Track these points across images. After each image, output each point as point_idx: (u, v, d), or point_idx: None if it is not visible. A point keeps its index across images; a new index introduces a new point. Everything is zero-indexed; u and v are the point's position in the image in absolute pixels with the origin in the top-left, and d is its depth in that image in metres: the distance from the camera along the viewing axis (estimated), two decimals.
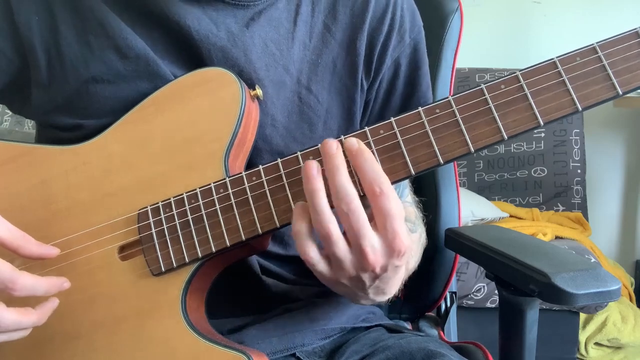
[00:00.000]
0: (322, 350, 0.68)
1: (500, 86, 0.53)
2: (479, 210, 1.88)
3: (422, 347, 0.63)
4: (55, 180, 0.63)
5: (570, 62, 0.52)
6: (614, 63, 0.51)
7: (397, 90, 0.75)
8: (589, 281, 0.58)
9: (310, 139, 0.70)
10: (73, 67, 0.65)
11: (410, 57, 0.75)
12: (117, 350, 0.59)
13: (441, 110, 0.53)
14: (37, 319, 0.53)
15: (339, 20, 0.71)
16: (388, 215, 0.49)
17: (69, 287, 0.56)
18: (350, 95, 0.72)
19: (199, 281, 0.60)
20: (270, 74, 0.67)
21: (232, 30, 0.66)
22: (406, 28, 0.73)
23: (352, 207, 0.49)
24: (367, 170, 0.50)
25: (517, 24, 2.42)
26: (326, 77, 0.71)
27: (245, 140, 0.62)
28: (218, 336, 0.60)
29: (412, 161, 0.53)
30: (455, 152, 0.53)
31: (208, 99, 0.61)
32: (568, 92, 0.52)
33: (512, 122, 0.52)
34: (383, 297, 0.59)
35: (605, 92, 0.51)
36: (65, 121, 0.66)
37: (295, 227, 0.51)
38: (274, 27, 0.68)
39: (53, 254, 0.57)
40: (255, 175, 0.56)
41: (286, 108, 0.69)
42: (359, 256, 0.50)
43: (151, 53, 0.64)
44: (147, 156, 0.61)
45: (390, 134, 0.54)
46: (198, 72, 0.62)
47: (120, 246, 0.60)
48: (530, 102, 0.52)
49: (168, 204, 0.59)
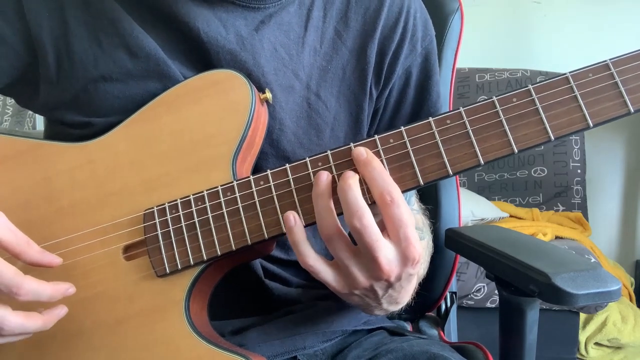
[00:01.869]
0: (324, 353, 0.68)
1: (512, 99, 0.53)
2: (479, 210, 1.88)
3: (424, 350, 0.63)
4: (61, 177, 0.62)
5: (583, 78, 0.52)
6: (626, 80, 0.51)
7: (408, 99, 0.75)
8: (589, 281, 0.58)
9: (317, 146, 0.69)
10: (82, 65, 0.64)
11: (422, 66, 0.74)
12: (118, 351, 0.58)
13: (452, 121, 0.53)
14: (42, 324, 0.53)
15: (351, 27, 0.71)
16: (401, 224, 0.49)
17: (74, 292, 0.55)
18: (359, 104, 0.71)
19: (202, 283, 0.60)
20: (279, 79, 0.67)
21: (242, 34, 0.66)
22: (418, 37, 0.73)
23: (365, 222, 0.49)
24: (376, 179, 0.50)
25: (517, 24, 2.42)
26: (335, 83, 0.70)
27: (254, 143, 0.62)
28: (220, 339, 0.60)
29: (421, 171, 0.53)
30: (465, 163, 0.53)
31: (217, 101, 0.61)
32: (580, 108, 0.52)
33: (523, 135, 0.52)
34: (396, 307, 0.59)
35: (617, 109, 0.51)
36: (73, 118, 0.66)
37: (293, 236, 0.52)
38: (284, 31, 0.68)
39: (55, 263, 0.55)
40: (263, 180, 0.56)
41: (295, 113, 0.69)
42: (372, 266, 0.50)
43: (161, 53, 0.64)
44: (154, 156, 0.61)
45: (400, 144, 0.54)
46: (208, 73, 0.62)
47: (125, 246, 0.60)
48: (542, 116, 0.52)
49: (174, 205, 0.58)
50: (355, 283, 0.52)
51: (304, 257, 0.52)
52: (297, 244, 0.52)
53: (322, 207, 0.51)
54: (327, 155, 0.55)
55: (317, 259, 0.53)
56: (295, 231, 0.52)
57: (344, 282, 0.53)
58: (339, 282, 0.53)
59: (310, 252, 0.53)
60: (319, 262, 0.53)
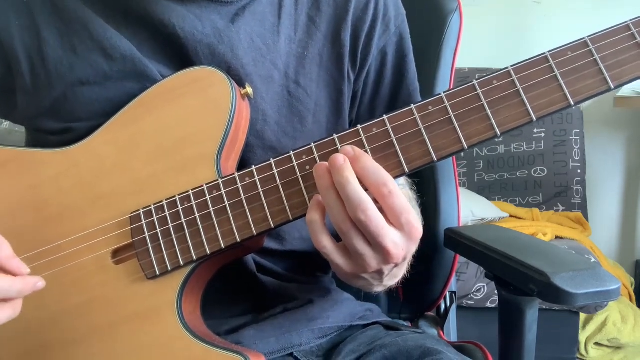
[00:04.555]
0: (320, 349, 0.68)
1: (493, 82, 0.52)
2: (479, 210, 1.88)
3: (419, 345, 0.63)
4: (46, 184, 0.62)
5: (562, 57, 0.52)
6: (605, 57, 0.51)
7: (386, 79, 0.75)
8: (589, 281, 0.58)
9: (301, 133, 0.70)
10: (57, 72, 0.64)
11: (397, 45, 0.75)
12: (114, 355, 0.58)
13: (433, 106, 0.53)
14: (21, 286, 0.51)
15: (323, 12, 0.71)
16: (402, 211, 0.50)
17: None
18: (338, 88, 0.72)
19: (194, 283, 0.59)
20: (258, 69, 0.67)
21: (218, 27, 0.66)
22: (391, 16, 0.73)
23: (370, 214, 0.49)
24: (370, 174, 0.51)
25: (517, 24, 2.42)
26: (313, 69, 0.71)
27: (237, 139, 0.62)
28: (215, 338, 0.59)
29: (406, 160, 0.53)
30: (449, 149, 0.53)
31: (198, 99, 0.60)
32: (560, 87, 0.51)
33: (505, 118, 0.52)
34: (394, 281, 0.60)
35: (596, 86, 0.51)
36: (53, 125, 0.65)
37: (309, 216, 0.52)
38: (259, 21, 0.68)
39: (21, 273, 0.52)
40: (249, 176, 0.56)
41: (276, 103, 0.69)
42: (381, 252, 0.51)
43: (137, 53, 0.64)
44: (137, 158, 0.60)
45: (383, 132, 0.54)
46: (187, 71, 0.62)
47: (113, 250, 0.59)
48: (523, 97, 0.52)
49: (160, 207, 0.58)
50: (366, 268, 0.53)
51: (318, 237, 0.53)
52: (312, 223, 0.52)
53: (333, 200, 0.51)
54: (311, 148, 0.55)
55: (330, 241, 0.53)
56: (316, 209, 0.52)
57: (354, 266, 0.54)
58: (349, 265, 0.54)
59: (325, 232, 0.53)
60: (331, 244, 0.53)
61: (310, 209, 0.53)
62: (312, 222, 0.52)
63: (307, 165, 0.55)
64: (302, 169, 0.55)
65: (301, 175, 0.55)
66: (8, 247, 0.52)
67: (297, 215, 0.55)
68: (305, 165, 0.55)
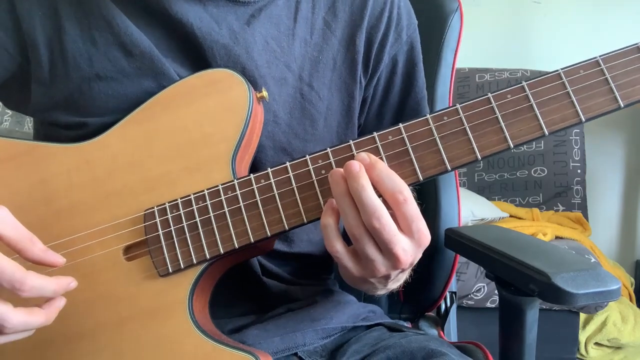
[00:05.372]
0: (324, 349, 0.68)
1: (507, 95, 0.54)
2: (479, 210, 1.87)
3: (423, 346, 0.63)
4: (58, 179, 0.62)
5: (574, 74, 0.53)
6: (616, 77, 0.53)
7: (395, 87, 0.76)
8: (589, 281, 0.58)
9: (312, 135, 0.70)
10: (76, 64, 0.64)
11: (408, 54, 0.76)
12: (122, 351, 0.58)
13: (449, 117, 0.54)
14: (45, 319, 0.51)
15: (339, 17, 0.72)
16: (414, 218, 0.51)
17: (75, 286, 0.53)
18: (350, 92, 0.73)
19: (205, 281, 0.60)
20: (271, 71, 0.68)
21: (234, 28, 0.66)
22: (403, 26, 0.74)
23: (383, 221, 0.50)
24: (385, 181, 0.51)
25: (517, 24, 2.42)
26: (327, 73, 0.71)
27: (251, 142, 0.62)
28: (223, 337, 0.60)
29: (420, 168, 0.54)
30: (463, 159, 0.54)
31: (215, 100, 0.61)
32: (572, 103, 0.53)
33: (518, 131, 0.53)
34: (397, 285, 0.61)
35: (608, 104, 0.53)
36: (66, 119, 0.65)
37: (323, 220, 0.53)
38: (274, 24, 0.69)
39: (59, 263, 0.52)
40: (264, 178, 0.57)
41: (288, 105, 0.69)
42: (391, 258, 0.52)
43: (155, 51, 0.64)
44: (152, 156, 0.61)
45: (399, 140, 0.55)
46: (205, 72, 0.62)
47: (125, 246, 0.60)
48: (536, 112, 0.53)
49: (175, 205, 0.58)
50: (375, 272, 0.54)
51: (331, 241, 0.53)
52: (326, 227, 0.53)
53: (348, 206, 0.52)
54: (327, 153, 0.56)
55: (342, 245, 0.54)
56: (330, 214, 0.53)
57: (363, 270, 0.55)
58: (359, 270, 0.55)
59: (338, 236, 0.53)
60: (343, 248, 0.54)
61: (324, 213, 0.53)
62: (326, 226, 0.53)
63: (322, 170, 0.56)
64: (318, 173, 0.56)
65: (316, 179, 0.56)
66: (38, 240, 0.52)
67: (311, 219, 0.56)
68: (321, 170, 0.56)
